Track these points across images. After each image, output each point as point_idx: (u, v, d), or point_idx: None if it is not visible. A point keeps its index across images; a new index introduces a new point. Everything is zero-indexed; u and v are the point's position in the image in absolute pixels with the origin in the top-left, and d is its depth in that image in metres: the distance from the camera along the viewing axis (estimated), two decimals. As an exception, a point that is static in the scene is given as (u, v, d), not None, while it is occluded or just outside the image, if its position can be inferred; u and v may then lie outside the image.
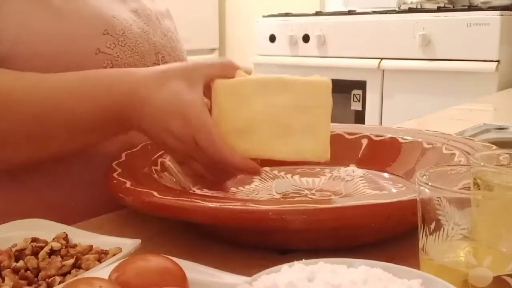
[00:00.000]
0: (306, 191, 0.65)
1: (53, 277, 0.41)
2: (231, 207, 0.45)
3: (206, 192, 0.62)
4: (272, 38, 2.39)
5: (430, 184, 0.33)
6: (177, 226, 0.56)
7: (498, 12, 1.86)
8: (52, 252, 0.45)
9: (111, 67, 0.64)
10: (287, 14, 2.46)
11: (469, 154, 0.59)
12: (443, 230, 0.33)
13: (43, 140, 0.57)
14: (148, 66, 0.68)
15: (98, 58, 0.63)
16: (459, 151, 0.61)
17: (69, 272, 0.42)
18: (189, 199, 0.47)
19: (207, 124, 0.52)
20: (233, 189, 0.64)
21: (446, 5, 2.21)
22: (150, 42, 0.70)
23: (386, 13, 2.15)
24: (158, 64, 0.71)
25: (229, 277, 0.38)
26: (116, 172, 0.55)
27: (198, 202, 0.46)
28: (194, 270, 0.38)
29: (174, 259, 0.38)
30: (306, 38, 2.28)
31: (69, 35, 0.61)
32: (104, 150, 0.64)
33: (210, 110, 0.55)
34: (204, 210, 0.45)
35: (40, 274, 0.42)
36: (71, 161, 0.63)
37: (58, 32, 0.61)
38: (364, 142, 0.73)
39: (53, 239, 0.47)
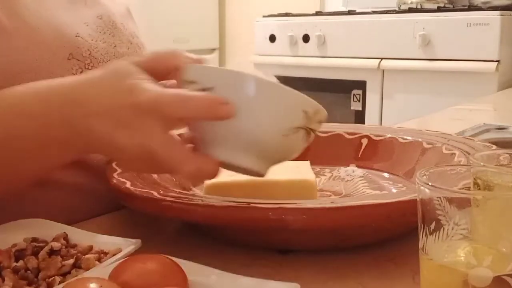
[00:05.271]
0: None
1: (53, 277, 0.41)
2: (231, 207, 0.45)
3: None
4: (272, 38, 2.39)
5: (430, 184, 0.33)
6: (177, 226, 0.56)
7: (498, 12, 1.86)
8: (52, 252, 0.45)
9: None
10: (287, 14, 2.46)
11: (469, 154, 0.59)
12: (443, 230, 0.33)
13: None
14: None
15: None
16: (459, 151, 0.61)
17: (69, 272, 0.42)
18: (189, 199, 0.47)
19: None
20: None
21: (446, 5, 2.21)
22: (117, 55, 0.67)
23: (386, 13, 2.15)
24: None
25: (229, 277, 0.38)
26: (116, 172, 0.55)
27: (198, 202, 0.46)
28: (194, 270, 0.38)
29: (174, 259, 0.38)
30: (306, 38, 2.28)
31: (25, 64, 0.55)
32: None
33: None
34: (204, 210, 0.45)
35: (40, 274, 0.42)
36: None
37: (13, 59, 0.54)
38: (364, 142, 0.73)
39: (53, 239, 0.47)
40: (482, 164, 0.40)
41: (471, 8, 2.06)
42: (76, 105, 0.45)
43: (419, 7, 2.21)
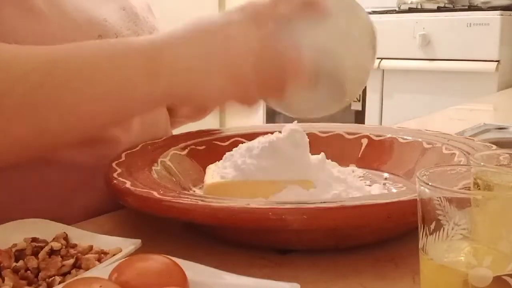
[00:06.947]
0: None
1: (53, 277, 0.41)
2: (231, 207, 0.45)
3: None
4: (272, 38, 2.39)
5: (430, 184, 0.33)
6: (177, 226, 0.56)
7: (498, 12, 1.86)
8: (52, 252, 0.45)
9: None
10: (287, 14, 2.46)
11: (469, 154, 0.59)
12: (443, 230, 0.33)
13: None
14: None
15: None
16: (459, 151, 0.61)
17: (69, 272, 0.42)
18: (189, 199, 0.47)
19: None
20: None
21: (446, 5, 2.21)
22: None
23: (386, 13, 2.15)
24: None
25: (229, 277, 0.38)
26: (116, 172, 0.55)
27: (198, 202, 0.46)
28: (194, 270, 0.38)
29: (174, 259, 0.38)
30: (306, 38, 2.28)
31: (60, 43, 0.57)
32: (105, 148, 0.64)
33: None
34: (204, 210, 0.45)
35: (40, 274, 0.42)
36: (72, 159, 0.63)
37: (48, 40, 0.57)
38: (364, 142, 0.73)
39: (53, 239, 0.47)
40: (482, 164, 0.40)
41: (471, 8, 2.06)
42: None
43: (419, 7, 2.21)
